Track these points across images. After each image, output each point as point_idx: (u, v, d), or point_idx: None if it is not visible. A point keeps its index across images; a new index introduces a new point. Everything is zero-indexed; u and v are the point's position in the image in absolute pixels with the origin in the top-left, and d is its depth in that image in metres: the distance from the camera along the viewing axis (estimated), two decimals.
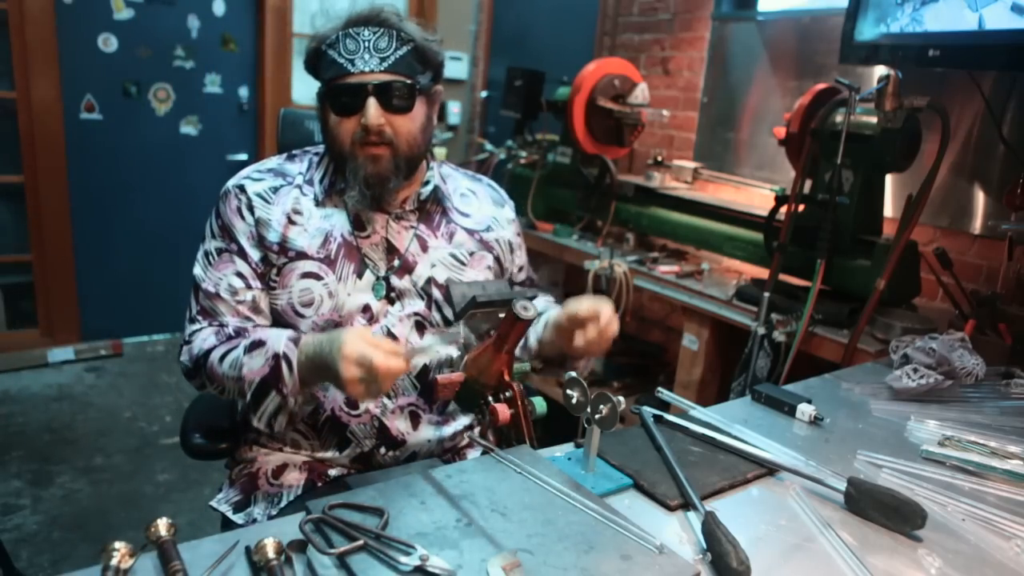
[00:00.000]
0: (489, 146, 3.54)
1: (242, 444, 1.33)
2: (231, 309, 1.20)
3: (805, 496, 1.01)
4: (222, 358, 1.13)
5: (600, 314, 1.13)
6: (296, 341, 1.09)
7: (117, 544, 0.74)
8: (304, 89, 3.83)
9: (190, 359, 1.17)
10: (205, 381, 1.18)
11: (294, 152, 1.33)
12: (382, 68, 1.14)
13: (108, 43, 3.25)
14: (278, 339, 1.10)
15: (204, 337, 1.18)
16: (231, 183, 1.25)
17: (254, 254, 1.21)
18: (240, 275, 1.21)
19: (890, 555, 0.89)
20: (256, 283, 1.21)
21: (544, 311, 1.34)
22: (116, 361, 3.47)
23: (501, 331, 1.03)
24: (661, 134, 3.27)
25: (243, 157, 3.72)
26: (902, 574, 0.86)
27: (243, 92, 3.66)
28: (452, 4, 4.02)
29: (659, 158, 2.91)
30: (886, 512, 0.95)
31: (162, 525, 0.77)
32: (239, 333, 1.17)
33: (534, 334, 1.33)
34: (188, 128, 3.55)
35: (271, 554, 0.75)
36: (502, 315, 1.04)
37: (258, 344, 1.11)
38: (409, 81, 1.17)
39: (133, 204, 3.47)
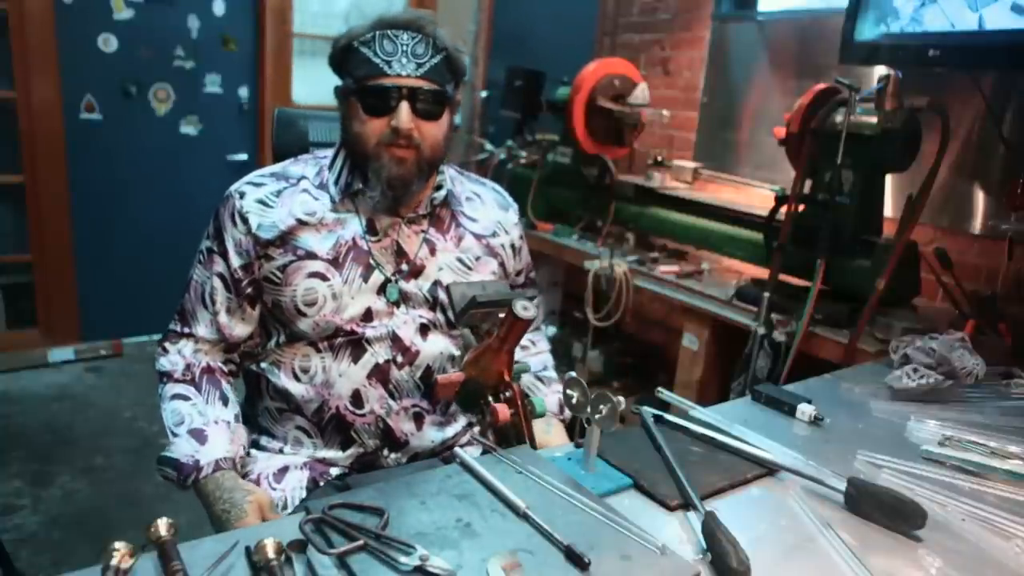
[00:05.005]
0: (489, 146, 3.54)
1: None
2: (208, 320, 1.24)
3: (805, 496, 1.01)
4: (172, 398, 1.20)
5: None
6: (223, 463, 1.13)
7: (117, 544, 0.74)
8: (304, 89, 3.83)
9: (158, 369, 1.25)
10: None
11: (299, 156, 1.34)
12: (418, 74, 1.16)
13: (108, 43, 3.25)
14: (212, 449, 1.14)
15: (174, 360, 1.24)
16: (234, 187, 1.26)
17: (235, 260, 1.22)
18: (221, 277, 1.24)
19: (890, 555, 0.89)
20: (233, 289, 1.24)
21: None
22: (116, 361, 3.47)
23: (501, 331, 1.03)
24: (661, 134, 3.27)
25: (243, 157, 3.72)
26: (902, 574, 0.86)
27: (243, 92, 3.66)
28: (452, 4, 4.01)
29: (659, 158, 2.91)
30: (886, 512, 0.95)
31: (162, 525, 0.77)
32: (202, 375, 1.22)
33: None
34: (188, 128, 3.55)
35: (271, 554, 0.75)
36: (502, 315, 1.04)
37: (198, 434, 1.15)
38: (440, 89, 1.18)
39: (133, 204, 3.46)
